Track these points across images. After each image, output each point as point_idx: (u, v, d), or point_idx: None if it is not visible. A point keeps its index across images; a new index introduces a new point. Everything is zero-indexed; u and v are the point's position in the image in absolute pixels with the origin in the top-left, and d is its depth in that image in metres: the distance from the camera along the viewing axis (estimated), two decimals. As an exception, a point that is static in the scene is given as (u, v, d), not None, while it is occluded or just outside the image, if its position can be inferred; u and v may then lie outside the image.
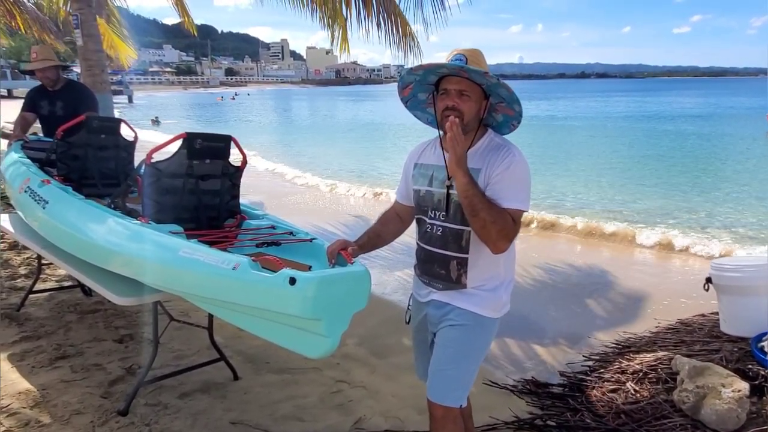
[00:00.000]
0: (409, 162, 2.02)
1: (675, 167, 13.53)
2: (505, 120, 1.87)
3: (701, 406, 2.56)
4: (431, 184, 1.89)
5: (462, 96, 1.75)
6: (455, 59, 1.74)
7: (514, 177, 1.75)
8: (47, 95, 4.17)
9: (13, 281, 4.37)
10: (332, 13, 6.61)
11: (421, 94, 1.94)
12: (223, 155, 2.93)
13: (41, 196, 3.12)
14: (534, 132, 22.19)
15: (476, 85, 1.75)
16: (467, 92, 1.75)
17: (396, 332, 3.88)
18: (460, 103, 1.74)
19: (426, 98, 1.95)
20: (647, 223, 7.80)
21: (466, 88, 1.74)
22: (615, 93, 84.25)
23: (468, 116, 1.76)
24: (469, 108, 1.75)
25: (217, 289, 2.05)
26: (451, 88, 1.75)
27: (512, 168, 1.75)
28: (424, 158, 1.96)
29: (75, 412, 2.62)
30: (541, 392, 3.10)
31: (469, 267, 1.84)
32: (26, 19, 9.63)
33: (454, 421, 1.87)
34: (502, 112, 1.85)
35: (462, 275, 1.85)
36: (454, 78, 1.75)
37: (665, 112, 36.39)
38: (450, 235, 1.83)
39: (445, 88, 1.77)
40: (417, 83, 1.88)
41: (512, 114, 1.83)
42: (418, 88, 1.90)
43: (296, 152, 18.15)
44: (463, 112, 1.74)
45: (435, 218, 1.87)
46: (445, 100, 1.77)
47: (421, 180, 1.93)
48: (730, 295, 3.37)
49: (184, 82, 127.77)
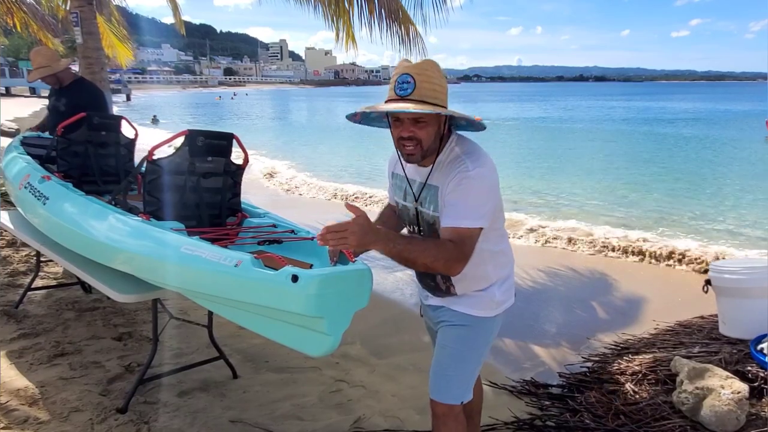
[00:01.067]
0: (389, 170, 2.00)
1: (674, 170, 13.57)
2: (469, 123, 1.76)
3: (700, 408, 2.56)
4: (405, 199, 1.88)
5: (418, 123, 1.64)
6: (401, 82, 1.60)
7: (465, 193, 1.64)
8: (56, 92, 4.17)
9: (11, 278, 4.35)
10: (336, 9, 6.62)
11: (372, 114, 1.79)
12: (224, 153, 2.92)
13: (41, 192, 3.11)
14: (532, 134, 22.23)
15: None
16: (423, 118, 1.63)
17: (396, 332, 3.88)
18: (417, 130, 1.64)
19: (378, 116, 1.81)
20: (646, 226, 7.82)
21: (420, 115, 1.62)
22: (613, 96, 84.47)
23: (427, 141, 1.66)
24: (427, 134, 1.65)
25: (219, 286, 2.04)
26: (404, 118, 1.64)
27: (463, 184, 1.64)
28: (397, 168, 1.91)
29: (74, 409, 2.61)
30: (540, 393, 3.11)
31: (455, 280, 1.82)
32: (23, 18, 9.60)
33: (455, 419, 1.87)
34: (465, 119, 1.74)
35: (450, 287, 1.85)
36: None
37: (663, 116, 36.47)
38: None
39: (397, 116, 1.66)
40: (365, 114, 1.77)
41: (476, 120, 1.75)
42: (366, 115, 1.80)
43: (298, 152, 18.13)
44: (420, 139, 1.65)
45: (414, 232, 1.88)
46: (400, 129, 1.66)
47: (398, 192, 1.92)
48: (729, 297, 3.38)
49: (182, 81, 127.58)
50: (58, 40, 10.96)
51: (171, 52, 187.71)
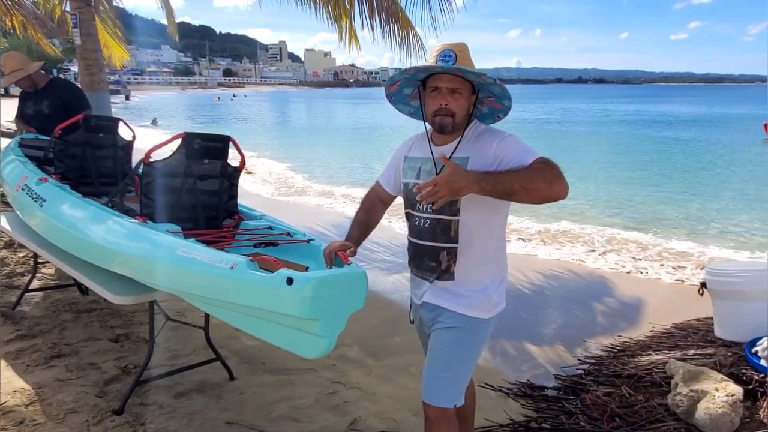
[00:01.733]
0: (399, 154, 2.04)
1: (671, 173, 13.59)
2: (490, 112, 1.90)
3: (695, 410, 2.57)
4: (419, 176, 1.90)
5: (454, 94, 1.75)
6: (444, 55, 1.74)
7: (516, 144, 1.75)
8: (31, 96, 4.18)
9: (9, 279, 4.36)
10: (338, 10, 6.64)
11: (407, 89, 1.94)
12: (221, 155, 2.93)
13: (38, 194, 3.11)
14: (531, 137, 22.25)
15: (467, 81, 1.76)
16: (459, 89, 1.75)
17: (392, 334, 3.88)
18: (452, 101, 1.75)
19: (411, 93, 1.96)
20: (643, 228, 7.84)
21: (459, 86, 1.75)
22: (611, 98, 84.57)
23: (459, 115, 1.78)
24: (460, 106, 1.77)
25: (215, 288, 2.05)
26: (443, 87, 1.75)
27: (507, 141, 1.76)
28: (413, 151, 1.98)
29: (70, 410, 2.62)
30: (536, 395, 3.11)
31: (459, 255, 1.84)
32: (22, 20, 9.60)
33: (448, 422, 1.88)
34: (489, 106, 1.88)
35: (452, 264, 1.85)
36: (446, 75, 1.74)
37: (662, 118, 36.52)
38: (438, 226, 1.83)
39: (436, 86, 1.77)
40: (405, 80, 1.88)
41: (500, 108, 1.86)
42: (405, 84, 1.91)
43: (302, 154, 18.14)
44: (455, 112, 1.76)
45: (423, 210, 1.88)
46: (437, 99, 1.77)
47: (410, 173, 1.95)
48: (724, 299, 3.39)
49: (181, 82, 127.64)
50: (56, 41, 10.97)
51: (170, 53, 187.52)
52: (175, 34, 10.26)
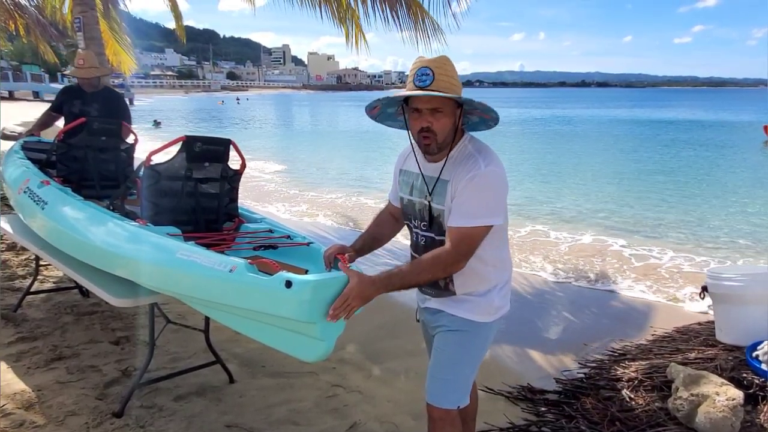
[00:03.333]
0: (396, 167, 2.03)
1: (673, 177, 13.55)
2: (482, 120, 1.85)
3: (696, 414, 2.56)
4: (412, 193, 1.90)
5: (435, 113, 1.70)
6: (421, 74, 1.68)
7: (476, 191, 1.71)
8: (82, 95, 4.20)
9: (11, 282, 4.37)
10: (345, 9, 6.66)
11: (389, 109, 1.91)
12: (222, 158, 2.94)
13: (40, 197, 3.13)
14: (531, 140, 22.24)
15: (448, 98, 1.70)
16: (440, 108, 1.70)
17: (392, 337, 3.88)
18: (434, 122, 1.70)
19: (395, 111, 1.92)
20: (644, 232, 7.83)
21: (439, 105, 1.69)
22: (615, 102, 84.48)
23: (442, 134, 1.72)
24: (443, 125, 1.71)
25: (214, 291, 2.06)
26: (423, 108, 1.70)
27: (475, 181, 1.70)
28: (407, 164, 1.96)
29: (70, 413, 2.62)
30: (536, 399, 3.11)
31: (454, 276, 1.84)
32: (25, 23, 9.66)
33: (451, 423, 1.88)
34: (478, 115, 1.83)
35: (449, 283, 1.86)
36: (425, 97, 1.68)
37: (665, 123, 36.46)
38: (433, 245, 1.82)
39: (416, 107, 1.72)
40: (385, 103, 1.85)
41: (488, 117, 1.82)
42: (387, 104, 1.87)
43: (301, 157, 18.18)
44: (437, 132, 1.71)
45: (418, 227, 1.90)
46: (419, 121, 1.72)
47: (405, 188, 1.94)
48: (725, 303, 3.38)
49: (185, 86, 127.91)
50: (61, 45, 11.04)
51: (174, 56, 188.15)
52: (183, 37, 10.34)
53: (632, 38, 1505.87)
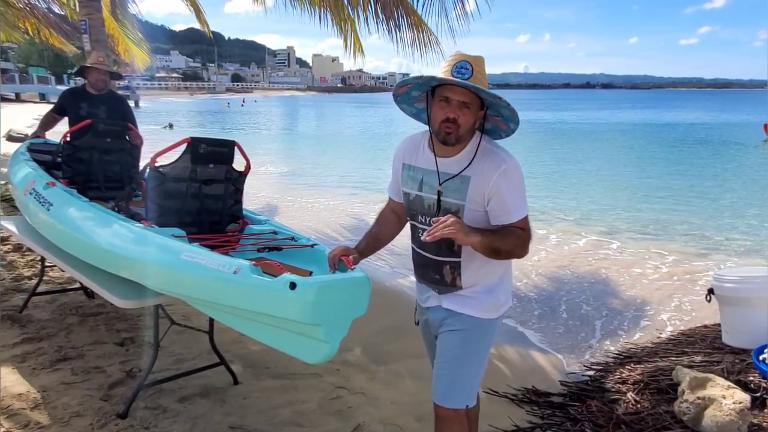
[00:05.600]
0: (397, 161, 2.00)
1: (678, 178, 13.49)
2: (494, 128, 1.87)
3: (702, 418, 2.54)
4: (421, 189, 1.88)
5: (463, 108, 1.73)
6: (460, 67, 1.70)
7: (513, 186, 1.77)
8: (87, 98, 4.20)
9: (16, 282, 4.39)
10: (343, 16, 6.67)
11: (415, 92, 1.91)
12: (226, 160, 2.95)
13: (46, 199, 3.14)
14: (536, 140, 22.20)
15: (477, 96, 1.74)
16: (469, 104, 1.73)
17: (396, 339, 3.87)
18: (461, 115, 1.73)
19: (418, 95, 1.92)
20: (650, 234, 7.79)
21: (469, 100, 1.73)
22: (620, 103, 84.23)
23: (464, 128, 1.75)
24: (467, 120, 1.74)
25: (218, 292, 2.06)
26: (454, 99, 1.73)
27: (508, 176, 1.75)
28: (413, 159, 1.93)
29: (75, 414, 2.63)
30: (541, 401, 3.09)
31: (463, 269, 1.85)
32: (35, 23, 9.72)
33: (460, 423, 1.87)
34: (494, 123, 1.85)
35: (456, 278, 1.86)
36: (458, 88, 1.72)
37: (670, 124, 36.31)
38: (443, 241, 1.79)
39: (446, 96, 1.74)
40: (416, 84, 1.86)
41: (504, 128, 1.84)
42: (416, 87, 1.88)
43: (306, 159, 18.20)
44: (460, 124, 1.74)
45: (425, 223, 1.87)
46: (446, 110, 1.74)
47: (411, 183, 1.92)
48: (732, 306, 3.36)
49: (190, 87, 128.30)
50: (73, 44, 11.08)
51: (179, 58, 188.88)
52: (207, 30, 10.06)
53: (637, 40, 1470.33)
